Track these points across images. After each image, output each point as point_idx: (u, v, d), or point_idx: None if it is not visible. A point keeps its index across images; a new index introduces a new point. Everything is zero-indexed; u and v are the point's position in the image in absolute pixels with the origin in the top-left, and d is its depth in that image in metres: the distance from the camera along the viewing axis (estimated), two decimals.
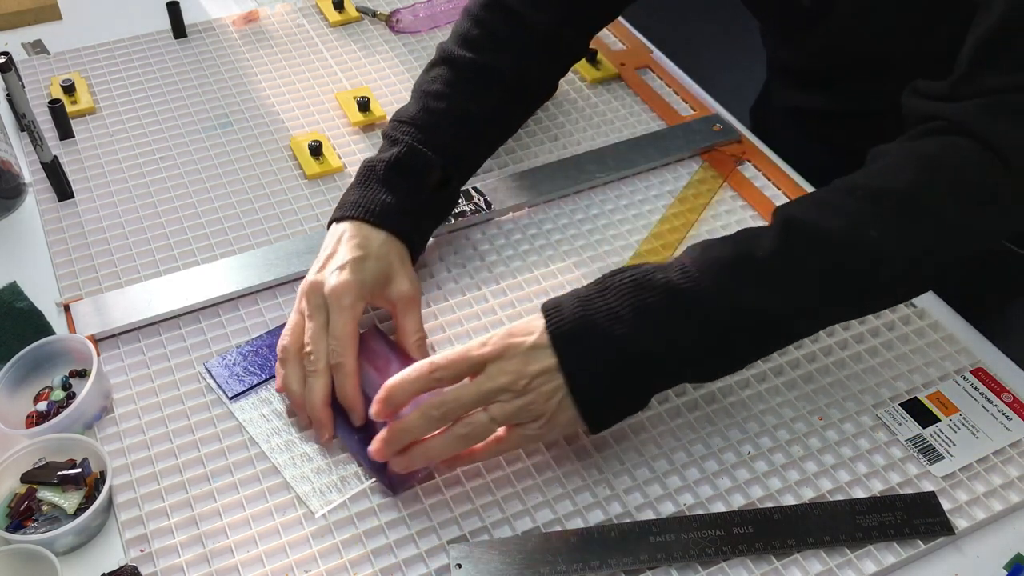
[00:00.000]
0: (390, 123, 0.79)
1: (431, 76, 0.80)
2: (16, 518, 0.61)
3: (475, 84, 0.79)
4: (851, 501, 0.64)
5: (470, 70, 0.80)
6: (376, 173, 0.74)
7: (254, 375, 0.71)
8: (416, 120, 0.77)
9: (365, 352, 0.69)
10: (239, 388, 0.70)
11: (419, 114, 0.77)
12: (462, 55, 0.80)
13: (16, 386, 0.68)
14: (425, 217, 0.77)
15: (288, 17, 1.08)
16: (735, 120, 0.96)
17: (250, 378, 0.70)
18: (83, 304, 0.75)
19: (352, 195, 0.74)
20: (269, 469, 0.65)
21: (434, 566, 0.60)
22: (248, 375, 0.70)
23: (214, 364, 0.71)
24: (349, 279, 0.68)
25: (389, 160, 0.75)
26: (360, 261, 0.70)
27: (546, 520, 0.63)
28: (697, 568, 0.61)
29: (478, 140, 0.81)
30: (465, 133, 0.79)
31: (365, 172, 0.75)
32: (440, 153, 0.76)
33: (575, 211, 0.85)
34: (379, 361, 0.68)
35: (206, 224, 0.83)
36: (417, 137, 0.76)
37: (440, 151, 0.76)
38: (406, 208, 0.74)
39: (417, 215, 0.75)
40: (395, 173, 0.74)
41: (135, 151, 0.90)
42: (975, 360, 0.74)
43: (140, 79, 0.98)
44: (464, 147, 0.79)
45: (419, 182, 0.75)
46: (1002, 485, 0.65)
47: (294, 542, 0.62)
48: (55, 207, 0.84)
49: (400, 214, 0.73)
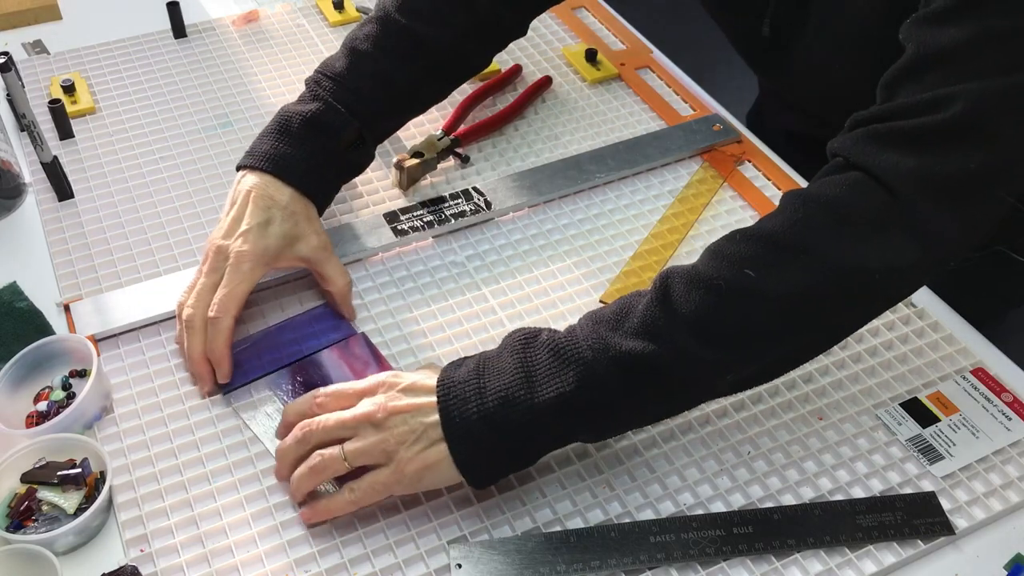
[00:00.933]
0: (315, 73, 0.80)
1: (363, 33, 0.80)
2: (16, 518, 0.61)
3: (405, 52, 0.80)
4: (851, 501, 0.64)
5: (403, 37, 0.80)
6: (291, 127, 0.76)
7: (248, 372, 0.71)
8: (340, 78, 0.78)
9: (348, 357, 0.71)
10: (234, 383, 0.70)
11: (344, 72, 0.78)
12: (398, 20, 0.80)
13: (16, 386, 0.68)
14: (334, 174, 0.79)
15: (288, 17, 1.08)
16: (735, 120, 0.96)
17: (244, 375, 0.70)
18: (83, 304, 0.75)
19: (264, 144, 0.75)
20: (269, 469, 0.65)
21: (434, 566, 0.60)
22: (240, 372, 0.70)
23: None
24: (248, 249, 0.70)
25: (306, 115, 0.76)
26: (264, 226, 0.71)
27: (546, 520, 0.63)
28: (697, 568, 0.61)
29: (399, 107, 0.82)
30: (387, 98, 0.80)
31: (280, 123, 0.76)
32: (358, 115, 0.77)
33: (575, 211, 0.85)
34: (357, 364, 0.71)
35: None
36: (337, 95, 0.77)
37: (358, 113, 0.77)
38: (315, 164, 0.75)
39: (325, 172, 0.77)
40: (310, 129, 0.76)
41: (135, 151, 0.90)
42: (975, 360, 0.74)
43: (140, 79, 0.98)
44: (383, 111, 0.80)
45: (332, 140, 0.76)
46: (1002, 485, 0.66)
47: (294, 542, 0.62)
48: (55, 207, 0.84)
49: (308, 171, 0.75)
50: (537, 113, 0.96)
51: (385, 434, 0.59)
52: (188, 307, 0.70)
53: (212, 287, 0.70)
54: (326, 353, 0.72)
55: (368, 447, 0.59)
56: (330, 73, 0.78)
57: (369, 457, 0.60)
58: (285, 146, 0.75)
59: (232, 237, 0.71)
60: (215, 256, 0.71)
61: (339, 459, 0.60)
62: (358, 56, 0.79)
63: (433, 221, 0.83)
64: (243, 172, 0.75)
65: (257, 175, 0.74)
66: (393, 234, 0.81)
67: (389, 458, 0.59)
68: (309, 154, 0.75)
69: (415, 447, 0.59)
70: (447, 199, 0.85)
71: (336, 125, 0.76)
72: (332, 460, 0.60)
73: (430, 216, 0.83)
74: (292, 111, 0.76)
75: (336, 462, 0.60)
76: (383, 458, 0.60)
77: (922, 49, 0.60)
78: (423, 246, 0.82)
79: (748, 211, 0.86)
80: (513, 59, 1.03)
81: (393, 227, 0.82)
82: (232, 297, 0.69)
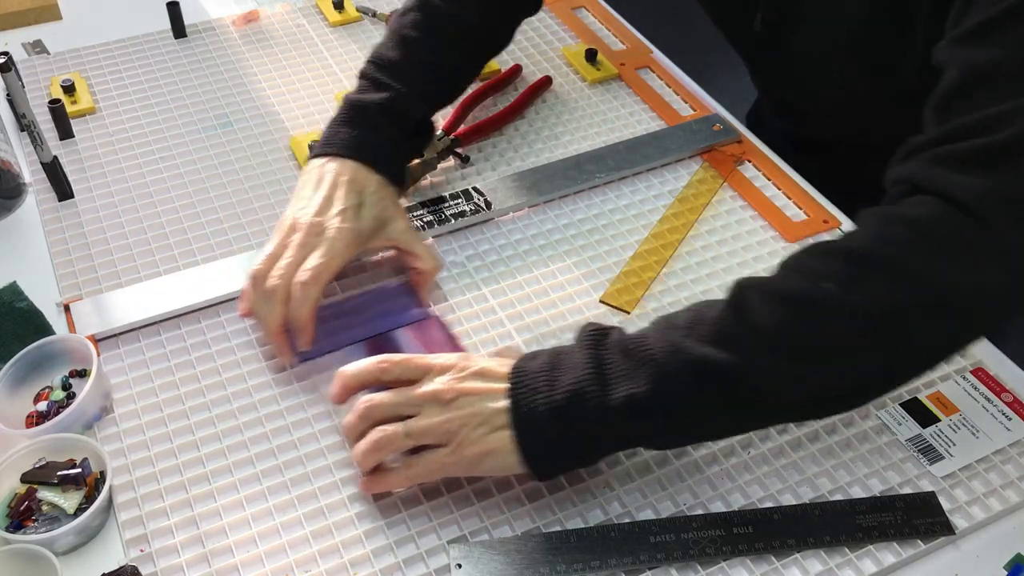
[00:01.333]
0: (370, 64, 0.82)
1: (409, 21, 0.83)
2: (16, 518, 0.61)
3: (449, 36, 0.84)
4: (851, 501, 0.64)
5: (445, 21, 0.84)
6: (368, 115, 0.78)
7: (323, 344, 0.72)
8: (398, 67, 0.81)
9: (424, 339, 0.72)
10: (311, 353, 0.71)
11: (400, 61, 0.81)
12: (438, 5, 0.84)
13: (16, 386, 0.68)
14: (405, 159, 0.82)
15: (288, 17, 1.08)
16: (735, 120, 0.96)
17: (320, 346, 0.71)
18: (83, 304, 0.75)
19: (341, 133, 0.77)
20: (270, 469, 0.65)
21: (434, 566, 0.60)
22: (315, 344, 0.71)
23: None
24: (348, 226, 0.72)
25: (381, 103, 0.78)
26: (357, 208, 0.73)
27: (546, 520, 0.63)
28: (697, 568, 0.61)
29: (450, 90, 0.86)
30: (440, 83, 0.84)
31: (355, 111, 0.78)
32: (421, 100, 0.81)
33: (575, 211, 0.85)
34: (433, 347, 0.72)
35: (206, 224, 0.83)
36: (401, 83, 0.80)
37: (421, 98, 0.81)
38: (394, 150, 0.79)
39: (401, 157, 0.80)
40: (384, 116, 0.78)
41: (135, 151, 0.90)
42: (975, 360, 0.74)
43: (140, 79, 0.98)
44: (439, 96, 0.85)
45: (405, 127, 0.80)
46: (1002, 485, 0.66)
47: (294, 542, 0.62)
48: (55, 207, 0.84)
49: (390, 158, 0.78)
50: (537, 113, 0.96)
51: (451, 414, 0.59)
52: (274, 277, 0.69)
53: (301, 261, 0.70)
54: (402, 333, 0.73)
55: (432, 426, 0.60)
56: (386, 63, 0.81)
57: (432, 436, 0.60)
58: (365, 134, 0.77)
59: (326, 215, 0.72)
60: (308, 230, 0.71)
61: (401, 436, 0.60)
62: (409, 44, 0.82)
63: (433, 221, 0.83)
64: (324, 159, 0.76)
65: (340, 161, 0.75)
66: None
67: (451, 438, 0.59)
68: (387, 141, 0.78)
69: (478, 431, 0.59)
70: (447, 199, 0.85)
71: (408, 112, 0.79)
72: (394, 437, 0.60)
73: (430, 216, 0.83)
74: (364, 100, 0.78)
75: (398, 439, 0.60)
76: (445, 438, 0.60)
77: (967, 69, 0.60)
78: None
79: (748, 211, 0.86)
80: (513, 59, 1.03)
81: None
82: (326, 267, 0.70)
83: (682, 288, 0.79)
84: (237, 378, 0.71)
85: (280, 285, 0.69)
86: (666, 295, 0.78)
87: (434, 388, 0.60)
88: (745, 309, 0.58)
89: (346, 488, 0.64)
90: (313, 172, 0.75)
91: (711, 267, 0.80)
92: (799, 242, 0.83)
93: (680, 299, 0.78)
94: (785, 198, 0.87)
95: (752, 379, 0.57)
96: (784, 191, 0.88)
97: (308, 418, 0.68)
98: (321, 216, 0.72)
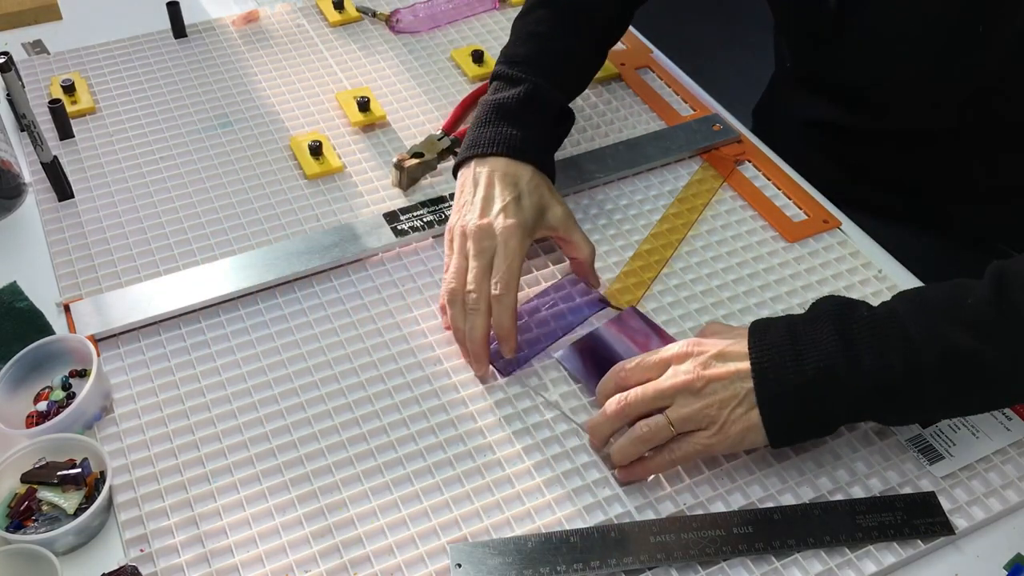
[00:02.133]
0: (502, 64, 0.83)
1: (534, 18, 0.85)
2: (16, 518, 0.61)
3: (576, 27, 0.85)
4: (851, 501, 0.64)
5: (571, 13, 0.85)
6: (508, 109, 0.79)
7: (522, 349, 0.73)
8: (530, 61, 0.82)
9: (627, 330, 0.74)
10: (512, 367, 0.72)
11: (531, 56, 0.82)
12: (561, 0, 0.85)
13: (16, 386, 0.68)
14: (553, 148, 0.82)
15: (288, 17, 1.08)
16: (735, 120, 0.96)
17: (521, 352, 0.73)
18: (83, 304, 0.75)
19: (485, 133, 0.78)
20: (270, 469, 0.65)
21: (434, 566, 0.60)
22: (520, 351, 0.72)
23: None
24: (513, 222, 0.72)
25: (520, 97, 0.79)
26: (516, 201, 0.74)
27: (546, 520, 0.63)
28: (697, 568, 0.61)
29: (581, 79, 0.88)
30: (572, 72, 0.85)
31: (493, 110, 0.79)
32: (558, 89, 0.82)
33: (575, 211, 0.85)
34: (638, 337, 0.73)
35: (206, 224, 0.83)
36: (537, 75, 0.80)
37: (558, 87, 0.82)
38: (540, 140, 0.79)
39: (548, 145, 0.81)
40: (525, 108, 0.79)
41: (135, 151, 0.90)
42: None
43: (140, 79, 0.98)
44: (572, 83, 0.86)
45: (548, 116, 0.80)
46: (1002, 485, 0.65)
47: (294, 542, 0.62)
48: (55, 207, 0.84)
49: (538, 147, 0.78)
50: None
51: (707, 400, 0.62)
52: (471, 291, 0.71)
53: (487, 267, 0.72)
54: (604, 328, 0.74)
55: (692, 413, 0.62)
56: (519, 59, 0.82)
57: (694, 423, 0.62)
58: (509, 128, 0.77)
59: (490, 215, 0.73)
60: (479, 236, 0.72)
61: (665, 427, 0.62)
62: (539, 39, 0.83)
63: (433, 221, 0.83)
64: (472, 163, 0.77)
65: (490, 161, 0.76)
66: (393, 234, 0.81)
67: (713, 422, 0.62)
68: (532, 132, 0.78)
69: (739, 410, 0.62)
70: (447, 199, 0.85)
71: (548, 100, 0.80)
72: (660, 428, 0.62)
73: (430, 216, 0.83)
74: (501, 98, 0.79)
75: (663, 430, 0.62)
76: (706, 422, 0.62)
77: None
78: (423, 246, 0.82)
79: (748, 211, 0.86)
80: None
81: (393, 227, 0.82)
82: (511, 272, 0.71)
83: (682, 288, 0.79)
84: (237, 378, 0.71)
85: (478, 298, 0.71)
86: (666, 295, 0.78)
87: (684, 379, 0.62)
88: (1006, 297, 0.59)
89: (346, 488, 0.64)
90: (466, 178, 0.77)
91: (711, 267, 0.80)
92: (799, 242, 0.83)
93: (680, 299, 0.78)
94: (785, 198, 0.87)
95: (1005, 367, 0.59)
96: (784, 191, 0.88)
97: (308, 418, 0.68)
98: (486, 218, 0.73)
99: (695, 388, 0.62)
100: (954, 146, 0.86)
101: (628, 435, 0.63)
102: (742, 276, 0.80)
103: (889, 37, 0.81)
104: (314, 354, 0.73)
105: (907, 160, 0.89)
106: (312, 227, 0.83)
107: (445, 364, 0.72)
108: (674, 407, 0.62)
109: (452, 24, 1.08)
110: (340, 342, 0.74)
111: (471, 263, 0.72)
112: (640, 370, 0.65)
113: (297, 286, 0.78)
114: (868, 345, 0.60)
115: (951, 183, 0.90)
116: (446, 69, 1.02)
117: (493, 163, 0.76)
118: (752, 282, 0.79)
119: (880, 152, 0.92)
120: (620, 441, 0.64)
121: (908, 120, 0.86)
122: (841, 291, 0.78)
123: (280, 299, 0.77)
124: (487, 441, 0.67)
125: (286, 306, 0.77)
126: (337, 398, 0.70)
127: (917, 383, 0.60)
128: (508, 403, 0.70)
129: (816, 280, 0.79)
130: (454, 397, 0.70)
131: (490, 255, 0.72)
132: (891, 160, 0.91)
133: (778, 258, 0.81)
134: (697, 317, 0.76)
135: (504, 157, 0.76)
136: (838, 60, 0.87)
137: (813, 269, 0.80)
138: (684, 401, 0.62)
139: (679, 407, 0.62)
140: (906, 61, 0.80)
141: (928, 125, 0.85)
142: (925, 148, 0.87)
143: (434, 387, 0.71)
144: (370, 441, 0.67)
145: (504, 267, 0.71)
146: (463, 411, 0.69)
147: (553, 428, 0.68)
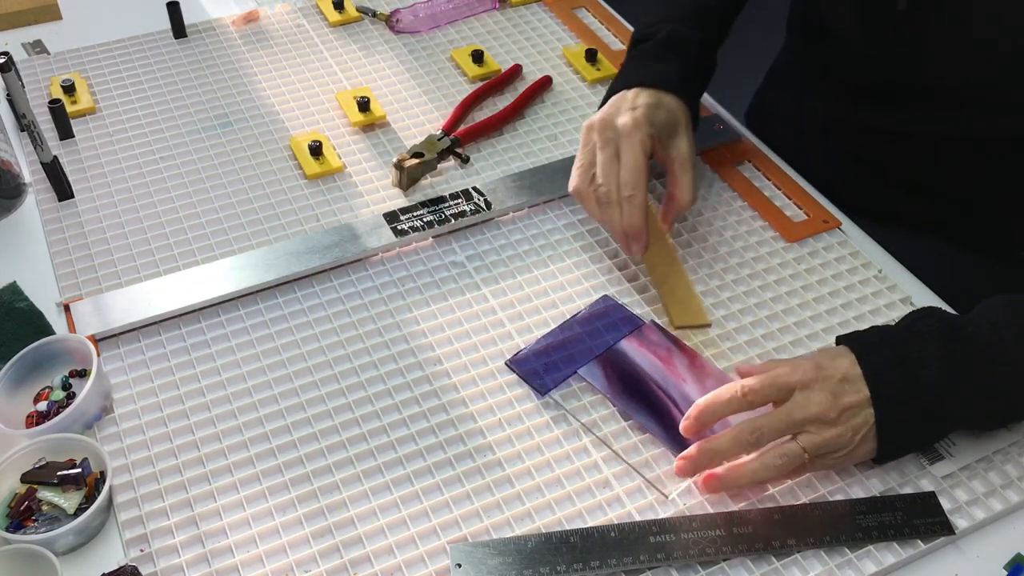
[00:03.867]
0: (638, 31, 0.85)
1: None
2: (16, 518, 0.61)
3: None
4: (851, 501, 0.64)
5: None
6: (650, 53, 0.81)
7: (562, 365, 0.72)
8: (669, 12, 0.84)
9: (648, 345, 0.73)
10: (549, 384, 0.71)
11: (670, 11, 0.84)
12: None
13: (16, 386, 0.68)
14: (698, 87, 0.84)
15: (288, 17, 1.08)
16: (735, 120, 0.96)
17: (560, 368, 0.72)
18: (83, 304, 0.75)
19: (626, 74, 0.80)
20: (270, 469, 0.65)
21: (434, 566, 0.60)
22: (553, 370, 0.72)
23: (518, 361, 0.73)
24: (641, 117, 0.74)
25: (660, 40, 0.81)
26: (653, 107, 0.75)
27: (546, 520, 0.63)
28: (697, 568, 0.61)
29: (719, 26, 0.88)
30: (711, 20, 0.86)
31: (635, 58, 0.82)
32: (698, 31, 0.83)
33: (575, 211, 0.85)
34: (660, 351, 0.73)
35: (206, 224, 0.83)
36: (676, 21, 0.83)
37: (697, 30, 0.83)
38: (683, 76, 0.80)
39: (692, 83, 0.82)
40: (666, 49, 0.81)
41: (135, 151, 0.90)
42: None
43: (140, 79, 0.98)
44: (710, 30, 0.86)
45: (689, 55, 0.82)
46: (1002, 485, 0.66)
47: (294, 542, 0.62)
48: (55, 207, 0.84)
49: (682, 80, 0.79)
50: (537, 113, 0.96)
51: (840, 428, 0.62)
52: (601, 185, 0.74)
53: (612, 158, 0.74)
54: (626, 343, 0.74)
55: (827, 441, 0.63)
56: (657, 18, 0.84)
57: (827, 449, 0.63)
58: (653, 64, 0.79)
59: (620, 114, 0.75)
60: (603, 128, 0.75)
61: (800, 455, 0.63)
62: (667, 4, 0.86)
63: (433, 221, 0.83)
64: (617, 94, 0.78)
65: (635, 90, 0.77)
66: (393, 234, 0.81)
67: (843, 447, 0.63)
68: (676, 67, 0.80)
69: (868, 434, 0.63)
70: (447, 199, 0.85)
71: (688, 39, 0.82)
72: (795, 457, 0.63)
73: (430, 216, 0.83)
74: (641, 49, 0.82)
75: (798, 458, 0.63)
76: (836, 447, 0.63)
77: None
78: (423, 246, 0.82)
79: (748, 211, 0.86)
80: (513, 59, 1.03)
81: (393, 227, 0.82)
82: (637, 171, 0.73)
83: None
84: (237, 378, 0.71)
85: (610, 191, 0.73)
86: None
87: (818, 411, 0.62)
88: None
89: (346, 488, 0.64)
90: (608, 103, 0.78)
91: (711, 267, 0.80)
92: (799, 242, 0.83)
93: None
94: (785, 198, 0.87)
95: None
96: (784, 191, 0.88)
97: (308, 418, 0.68)
98: (616, 113, 0.75)
99: (830, 418, 0.62)
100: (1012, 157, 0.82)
101: (765, 463, 0.63)
102: (742, 276, 0.80)
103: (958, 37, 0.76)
104: (314, 354, 0.73)
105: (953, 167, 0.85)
106: (312, 227, 0.83)
107: (445, 364, 0.72)
108: (806, 435, 0.63)
109: (452, 24, 1.08)
110: (340, 342, 0.74)
111: (598, 155, 0.74)
112: (765, 392, 0.64)
113: (297, 286, 0.78)
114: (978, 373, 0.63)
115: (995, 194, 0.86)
116: (446, 69, 1.02)
117: (638, 91, 0.77)
118: (752, 282, 0.79)
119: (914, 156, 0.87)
120: (752, 467, 0.63)
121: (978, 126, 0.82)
122: (841, 291, 0.78)
123: (280, 299, 0.77)
124: (487, 441, 0.67)
125: (286, 306, 0.77)
126: (337, 398, 0.70)
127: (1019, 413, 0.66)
128: (508, 404, 0.70)
129: (816, 280, 0.79)
130: (454, 397, 0.70)
131: (615, 145, 0.74)
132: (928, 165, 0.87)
133: (778, 258, 0.81)
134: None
135: (648, 88, 0.77)
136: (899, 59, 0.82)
137: (813, 269, 0.80)
138: (817, 430, 0.63)
139: (812, 435, 0.63)
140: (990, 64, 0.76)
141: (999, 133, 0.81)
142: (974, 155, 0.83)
143: (434, 387, 0.71)
144: (370, 441, 0.67)
145: (631, 163, 0.73)
146: (463, 411, 0.69)
147: (553, 428, 0.68)
